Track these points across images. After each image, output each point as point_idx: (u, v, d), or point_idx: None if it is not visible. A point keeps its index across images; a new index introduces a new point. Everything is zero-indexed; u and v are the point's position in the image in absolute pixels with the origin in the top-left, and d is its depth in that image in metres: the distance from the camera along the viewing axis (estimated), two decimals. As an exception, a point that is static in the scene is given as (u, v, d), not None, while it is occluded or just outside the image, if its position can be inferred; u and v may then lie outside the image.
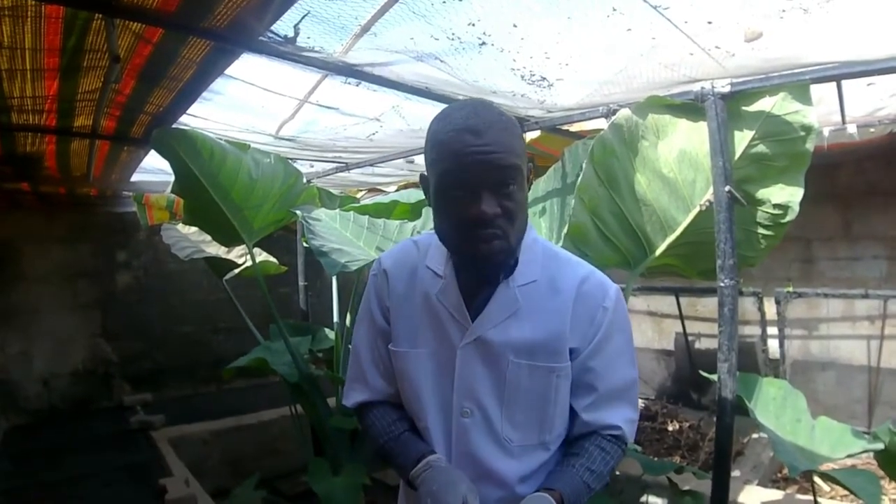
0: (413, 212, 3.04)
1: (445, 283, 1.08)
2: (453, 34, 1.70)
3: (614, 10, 1.54)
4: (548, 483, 1.03)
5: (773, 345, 3.86)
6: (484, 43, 1.76)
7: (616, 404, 1.09)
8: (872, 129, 2.78)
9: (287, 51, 1.82)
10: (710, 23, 1.58)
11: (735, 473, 3.09)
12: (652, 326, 5.13)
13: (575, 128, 2.82)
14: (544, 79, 2.05)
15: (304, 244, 3.45)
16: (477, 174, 0.94)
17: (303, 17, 1.63)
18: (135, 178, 3.98)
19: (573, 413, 1.10)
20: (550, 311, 1.06)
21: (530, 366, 1.05)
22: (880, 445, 1.96)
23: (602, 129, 2.05)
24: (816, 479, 2.72)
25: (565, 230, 2.15)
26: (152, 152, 3.01)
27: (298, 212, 2.91)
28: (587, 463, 1.05)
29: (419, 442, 1.10)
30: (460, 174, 0.95)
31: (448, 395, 1.07)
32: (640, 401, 4.68)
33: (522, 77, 2.04)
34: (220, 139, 2.60)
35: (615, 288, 1.11)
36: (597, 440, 1.08)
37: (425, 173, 1.07)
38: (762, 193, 1.93)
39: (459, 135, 0.95)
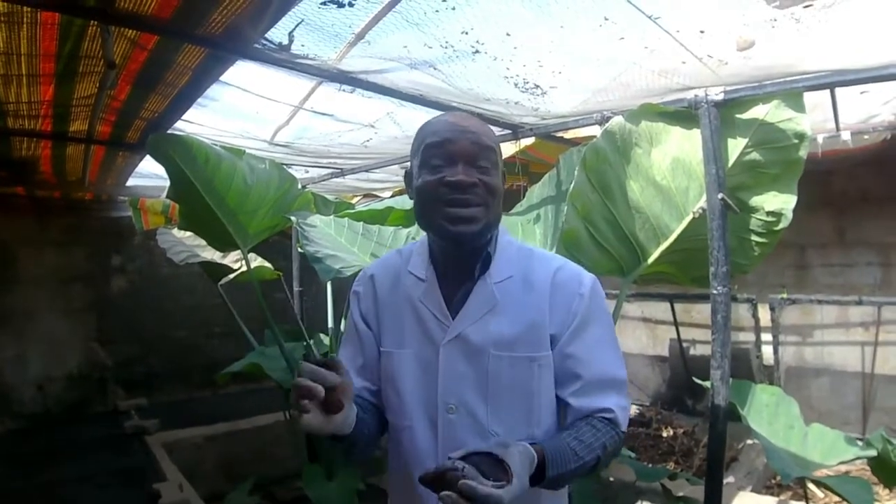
0: (408, 218, 3.04)
1: (427, 285, 1.13)
2: (447, 42, 1.71)
3: (606, 19, 1.55)
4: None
5: (767, 351, 3.87)
6: (477, 51, 1.76)
7: (604, 392, 1.09)
8: (866, 136, 2.79)
9: (281, 58, 1.82)
10: (702, 32, 1.59)
11: (729, 479, 3.09)
12: (646, 333, 5.13)
13: (570, 135, 2.82)
14: (538, 87, 2.06)
15: (300, 249, 3.44)
16: (456, 144, 1.05)
17: (297, 25, 1.63)
18: (130, 182, 3.98)
19: (564, 403, 1.10)
20: (527, 305, 1.09)
21: (511, 357, 1.07)
22: (873, 452, 1.98)
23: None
24: (810, 485, 2.72)
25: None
26: (148, 157, 3.01)
27: (293, 217, 2.91)
28: (575, 433, 1.02)
29: None
30: (442, 144, 1.06)
31: (433, 393, 1.09)
32: (634, 407, 4.69)
33: (516, 85, 2.04)
34: (216, 145, 2.60)
35: (590, 277, 1.14)
36: (587, 419, 1.07)
37: (409, 169, 1.14)
38: (755, 201, 1.93)
39: (442, 118, 1.12)
